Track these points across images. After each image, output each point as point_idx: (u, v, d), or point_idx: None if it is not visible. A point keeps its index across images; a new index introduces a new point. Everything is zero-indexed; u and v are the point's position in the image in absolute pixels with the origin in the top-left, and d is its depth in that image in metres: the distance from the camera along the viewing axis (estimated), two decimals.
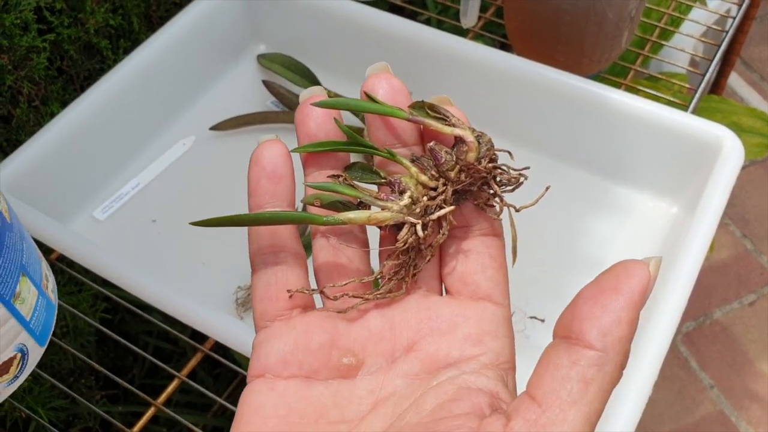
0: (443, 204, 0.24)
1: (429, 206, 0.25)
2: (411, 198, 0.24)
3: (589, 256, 0.53)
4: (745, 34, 0.75)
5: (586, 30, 0.56)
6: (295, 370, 0.23)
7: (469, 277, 0.24)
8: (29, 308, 0.34)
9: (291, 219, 0.24)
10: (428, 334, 0.24)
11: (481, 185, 0.25)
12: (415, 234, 0.24)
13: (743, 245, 1.19)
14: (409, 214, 0.24)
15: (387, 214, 0.24)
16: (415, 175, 0.25)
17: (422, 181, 0.25)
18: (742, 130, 0.77)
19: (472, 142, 0.25)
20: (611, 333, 0.21)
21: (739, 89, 1.34)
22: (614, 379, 0.21)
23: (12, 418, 0.56)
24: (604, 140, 0.55)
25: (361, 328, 0.24)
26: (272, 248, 0.25)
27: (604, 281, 0.22)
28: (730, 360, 1.09)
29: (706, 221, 0.47)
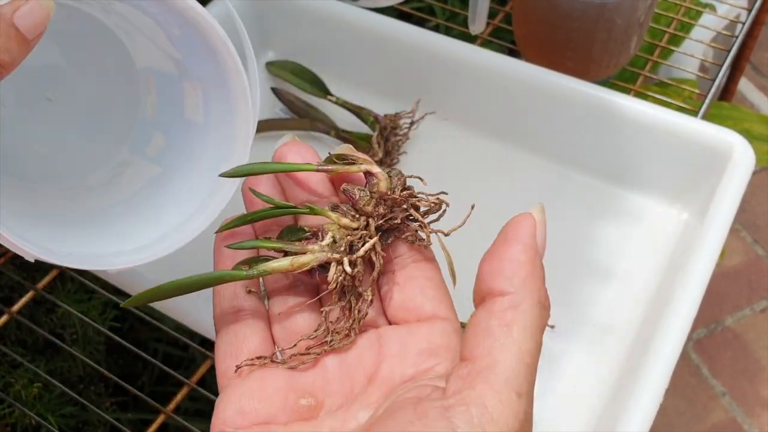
0: (368, 239, 0.25)
1: (354, 243, 0.25)
2: (333, 238, 0.25)
3: (599, 262, 0.53)
4: (755, 39, 0.75)
5: (595, 36, 0.56)
6: (252, 418, 0.23)
7: (410, 302, 0.25)
8: None
9: (217, 279, 0.25)
10: (382, 362, 0.24)
11: (405, 219, 0.26)
12: (344, 272, 0.25)
13: (754, 251, 1.19)
14: (334, 252, 0.25)
15: (309, 257, 0.25)
16: (335, 219, 0.26)
17: (344, 224, 0.26)
18: (753, 137, 0.76)
19: (379, 173, 0.26)
20: (515, 275, 0.21)
21: (749, 94, 1.34)
22: (536, 316, 0.21)
23: (22, 425, 0.56)
24: (614, 146, 0.55)
25: (318, 370, 0.24)
26: (232, 309, 0.25)
27: (496, 242, 0.23)
28: (742, 367, 1.08)
29: (717, 227, 0.47)
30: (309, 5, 0.62)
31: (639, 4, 0.55)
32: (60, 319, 0.60)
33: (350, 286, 0.25)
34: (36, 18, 0.30)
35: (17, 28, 0.30)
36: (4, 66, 0.29)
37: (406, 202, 0.26)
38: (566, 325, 0.50)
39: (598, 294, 0.51)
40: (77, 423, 0.60)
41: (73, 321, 0.60)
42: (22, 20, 0.30)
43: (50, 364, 0.59)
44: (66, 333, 0.61)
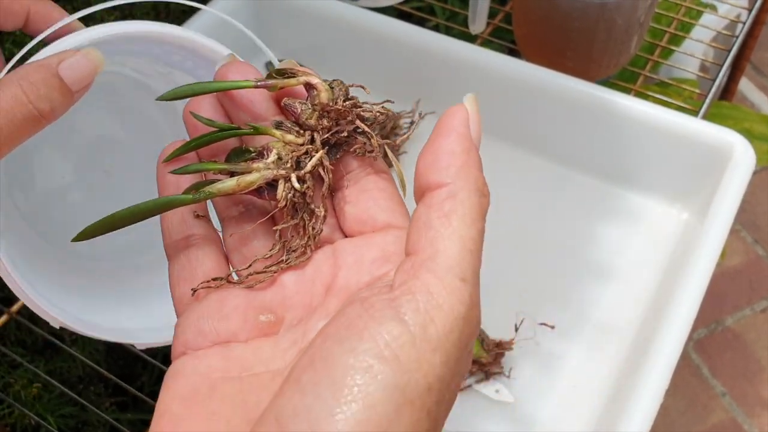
0: (314, 153, 0.25)
1: (301, 159, 0.25)
2: (278, 155, 0.25)
3: (599, 262, 0.53)
4: (756, 39, 0.75)
5: (595, 35, 0.56)
6: (213, 337, 0.23)
7: (364, 214, 0.25)
8: None
9: (162, 205, 0.25)
10: (338, 273, 0.24)
11: (352, 132, 0.25)
12: (293, 188, 0.24)
13: (755, 251, 1.18)
14: (280, 169, 0.24)
15: (255, 175, 0.24)
16: (280, 136, 0.25)
17: (289, 140, 0.25)
18: (753, 137, 0.76)
19: (318, 83, 0.25)
20: (451, 165, 0.21)
21: (750, 94, 1.34)
22: (474, 204, 0.21)
23: (22, 426, 0.56)
24: (614, 146, 0.55)
25: (276, 287, 0.24)
26: (182, 235, 0.25)
27: (431, 137, 0.22)
28: (743, 367, 1.08)
29: (717, 227, 0.47)
30: (309, 5, 0.62)
31: (639, 4, 0.55)
32: None
33: (301, 203, 0.24)
34: (82, 71, 0.31)
35: (61, 79, 0.30)
36: (44, 115, 0.30)
37: (351, 113, 0.25)
38: (566, 325, 0.50)
39: (598, 294, 0.51)
40: (77, 423, 0.60)
41: None
42: (68, 72, 0.30)
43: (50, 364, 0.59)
44: (65, 333, 0.61)
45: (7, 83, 0.29)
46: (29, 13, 0.35)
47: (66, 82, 0.30)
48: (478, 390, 0.48)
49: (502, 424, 0.47)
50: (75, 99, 0.31)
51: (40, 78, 0.30)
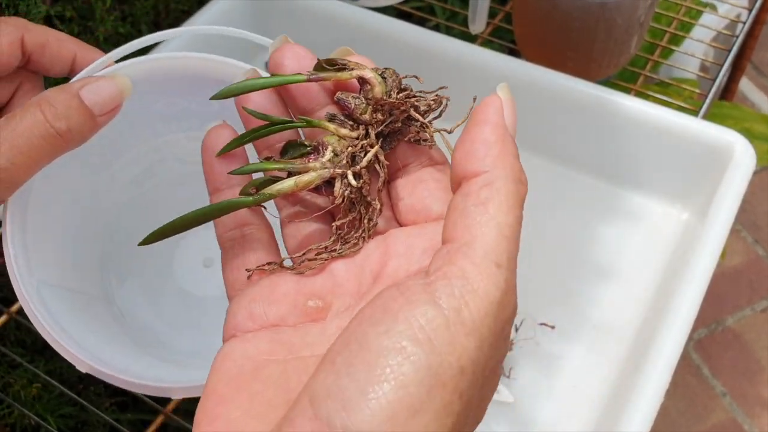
0: (369, 148, 0.25)
1: (357, 154, 0.25)
2: (333, 152, 0.24)
3: (599, 262, 0.53)
4: (756, 38, 0.75)
5: (596, 35, 0.56)
6: (262, 321, 0.24)
7: (418, 204, 0.25)
8: None
9: (224, 208, 0.25)
10: (388, 261, 0.24)
11: (406, 120, 0.25)
12: (349, 185, 0.24)
13: (755, 251, 1.18)
14: (336, 167, 0.24)
15: (312, 175, 0.24)
16: (334, 130, 0.25)
17: (343, 135, 0.25)
18: (753, 137, 0.76)
19: (372, 78, 0.25)
20: (487, 155, 0.22)
21: (750, 94, 1.34)
22: (511, 191, 0.22)
23: (21, 426, 0.56)
24: (614, 146, 0.55)
25: (326, 275, 0.24)
26: (235, 224, 0.26)
27: (467, 127, 0.23)
28: (743, 367, 1.08)
29: (718, 227, 0.47)
30: (309, 5, 0.62)
31: (639, 4, 0.55)
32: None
33: (358, 197, 0.24)
34: (105, 94, 0.31)
35: (81, 100, 0.30)
36: (61, 134, 0.30)
37: (405, 104, 0.25)
38: (566, 325, 0.50)
39: (598, 294, 0.51)
40: (76, 423, 0.60)
41: None
42: (89, 95, 0.30)
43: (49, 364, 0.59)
44: None
45: (28, 106, 0.30)
46: (75, 58, 0.35)
47: (87, 104, 0.30)
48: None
49: (502, 424, 0.47)
50: (99, 123, 0.31)
51: (59, 98, 0.30)
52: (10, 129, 0.29)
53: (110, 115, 0.31)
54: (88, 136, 0.31)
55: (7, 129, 0.29)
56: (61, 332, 0.34)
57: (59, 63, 0.36)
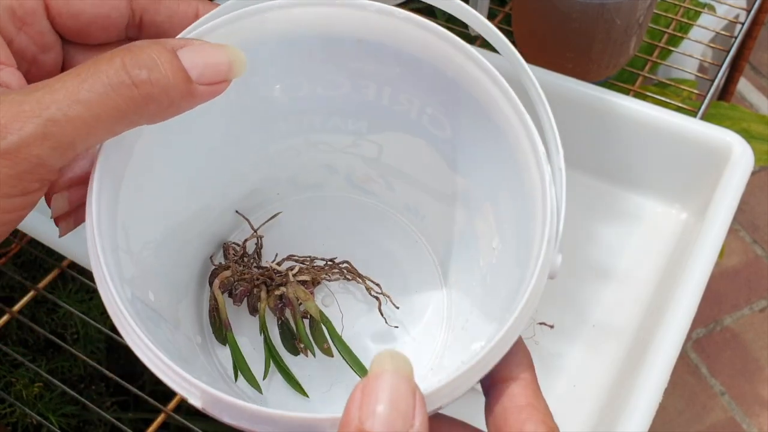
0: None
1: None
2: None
3: (598, 262, 0.53)
4: (755, 39, 0.75)
5: (595, 36, 0.56)
6: None
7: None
8: None
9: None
10: None
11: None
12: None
13: (753, 251, 1.19)
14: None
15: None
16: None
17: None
18: (751, 137, 0.77)
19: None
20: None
21: (748, 95, 1.34)
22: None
23: (23, 425, 0.56)
24: (613, 147, 0.55)
25: None
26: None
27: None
28: (741, 366, 1.08)
29: (716, 227, 0.47)
30: None
31: (638, 5, 0.55)
32: (61, 318, 0.60)
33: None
34: (210, 60, 0.24)
35: (176, 56, 0.23)
36: (138, 86, 0.22)
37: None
38: (566, 325, 0.50)
39: (598, 294, 0.51)
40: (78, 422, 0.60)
41: (74, 321, 0.60)
42: (189, 54, 0.24)
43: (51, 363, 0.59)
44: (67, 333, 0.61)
45: (107, 53, 0.23)
46: (198, 14, 0.28)
47: (184, 63, 0.23)
48: (478, 389, 0.48)
49: None
50: (196, 93, 0.24)
51: (148, 47, 0.23)
52: (74, 74, 0.22)
53: (212, 90, 0.24)
54: (180, 105, 0.24)
55: (72, 74, 0.22)
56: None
57: (180, 24, 0.28)
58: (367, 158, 0.35)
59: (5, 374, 0.56)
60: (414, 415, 0.20)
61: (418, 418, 0.20)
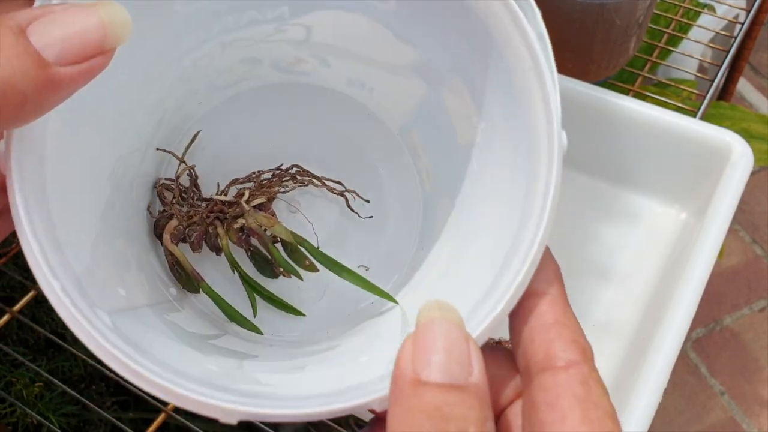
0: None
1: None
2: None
3: (597, 262, 0.53)
4: (754, 39, 0.75)
5: (594, 37, 0.56)
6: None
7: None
8: None
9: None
10: None
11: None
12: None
13: (753, 251, 1.19)
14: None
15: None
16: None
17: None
18: (751, 137, 0.77)
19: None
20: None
21: (748, 95, 1.34)
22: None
23: (24, 424, 0.56)
24: (612, 147, 0.55)
25: None
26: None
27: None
28: (741, 366, 1.08)
29: (716, 227, 0.47)
30: None
31: (638, 5, 0.55)
32: (61, 318, 0.60)
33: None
34: (72, 33, 0.18)
35: (27, 40, 0.17)
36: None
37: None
38: None
39: (598, 294, 0.51)
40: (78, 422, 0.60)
41: None
42: (41, 31, 0.17)
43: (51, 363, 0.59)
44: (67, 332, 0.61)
45: None
46: None
47: (36, 46, 0.17)
48: None
49: None
50: (64, 84, 0.18)
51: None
52: None
53: (85, 69, 0.18)
54: (40, 101, 0.18)
55: None
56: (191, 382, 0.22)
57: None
58: (295, 41, 0.31)
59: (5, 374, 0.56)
60: (471, 362, 0.19)
61: (476, 365, 0.19)
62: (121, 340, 0.21)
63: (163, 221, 0.31)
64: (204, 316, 0.31)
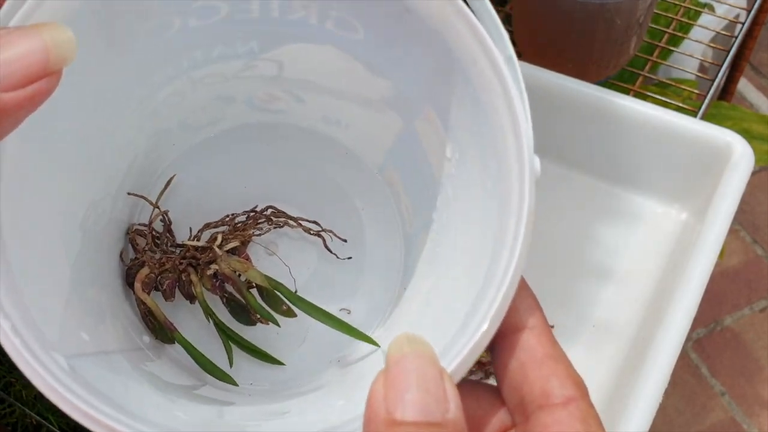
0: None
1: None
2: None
3: (598, 262, 0.53)
4: (755, 39, 0.75)
5: (595, 36, 0.56)
6: None
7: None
8: None
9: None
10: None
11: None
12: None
13: (754, 251, 1.19)
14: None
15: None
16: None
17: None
18: (752, 137, 0.77)
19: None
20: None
21: (748, 94, 1.34)
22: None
23: (23, 425, 0.56)
24: (613, 147, 0.55)
25: None
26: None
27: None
28: (741, 367, 1.08)
29: (716, 227, 0.47)
30: None
31: (639, 5, 0.55)
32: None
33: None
34: (10, 51, 0.17)
35: None
36: None
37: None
38: (566, 325, 0.50)
39: (598, 294, 0.51)
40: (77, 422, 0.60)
41: None
42: None
43: None
44: None
45: None
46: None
47: None
48: None
49: None
50: (7, 110, 0.17)
51: None
52: None
53: (30, 94, 0.17)
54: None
55: None
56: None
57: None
58: (266, 77, 0.30)
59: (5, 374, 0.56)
60: (446, 397, 0.18)
61: (452, 400, 0.18)
62: (75, 382, 0.21)
63: (135, 269, 0.30)
64: (181, 365, 0.30)
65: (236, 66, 0.29)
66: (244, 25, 0.27)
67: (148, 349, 0.29)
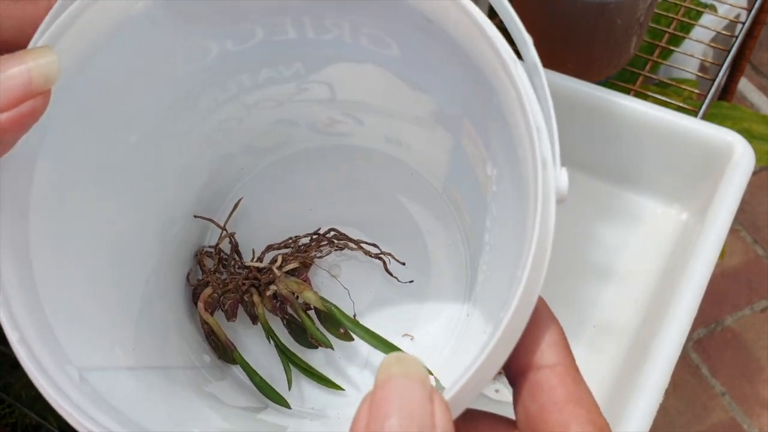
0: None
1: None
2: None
3: (598, 262, 0.53)
4: (755, 39, 0.75)
5: (595, 36, 0.56)
6: None
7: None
8: None
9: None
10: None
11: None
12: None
13: (754, 251, 1.19)
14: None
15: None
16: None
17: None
18: (752, 137, 0.77)
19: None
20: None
21: (749, 94, 1.34)
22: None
23: (23, 425, 0.56)
24: (613, 146, 0.55)
25: None
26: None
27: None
28: (742, 367, 1.08)
29: (717, 227, 0.47)
30: None
31: (639, 4, 0.55)
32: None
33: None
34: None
35: None
36: None
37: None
38: (566, 325, 0.49)
39: (598, 294, 0.51)
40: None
41: None
42: None
43: None
44: None
45: None
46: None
47: None
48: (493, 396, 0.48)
49: None
50: (0, 134, 0.17)
51: None
52: None
53: (16, 117, 0.17)
54: None
55: None
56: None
57: (33, 27, 0.20)
58: (322, 100, 0.30)
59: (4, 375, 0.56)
60: (434, 423, 0.17)
61: (441, 426, 0.17)
62: (82, 395, 0.21)
63: (200, 289, 0.31)
64: (244, 387, 0.30)
65: (288, 90, 0.29)
66: (283, 47, 0.27)
67: (205, 368, 0.29)
